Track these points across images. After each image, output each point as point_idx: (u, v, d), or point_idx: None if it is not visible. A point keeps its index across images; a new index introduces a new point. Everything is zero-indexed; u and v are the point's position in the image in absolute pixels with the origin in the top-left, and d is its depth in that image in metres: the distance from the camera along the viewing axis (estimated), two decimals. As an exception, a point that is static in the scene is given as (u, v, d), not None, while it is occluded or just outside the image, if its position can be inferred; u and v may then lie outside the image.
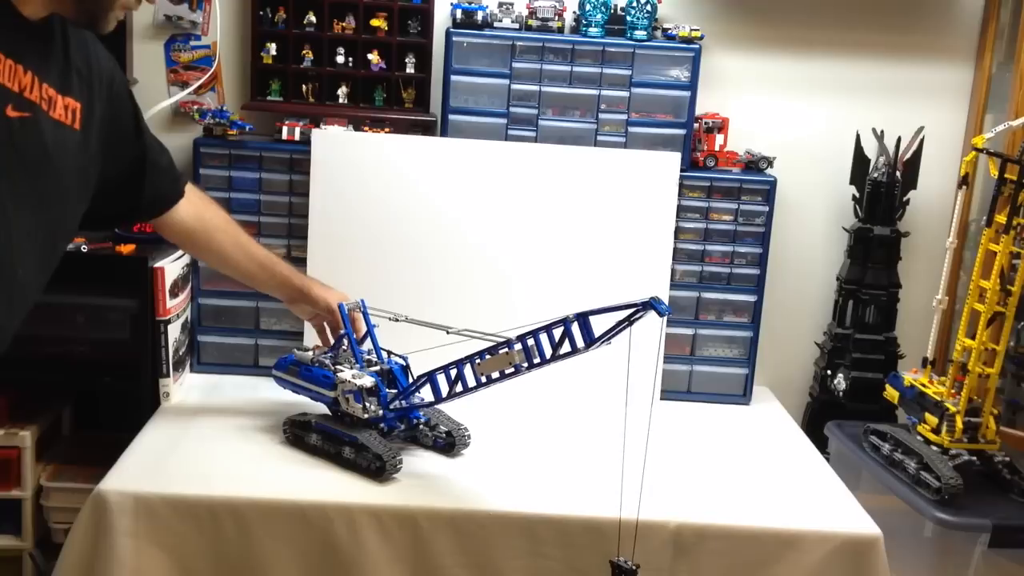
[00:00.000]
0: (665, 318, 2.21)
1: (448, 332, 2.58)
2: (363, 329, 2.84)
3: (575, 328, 2.29)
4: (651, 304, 2.20)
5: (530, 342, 2.35)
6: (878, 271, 3.41)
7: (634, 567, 2.16)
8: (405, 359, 2.78)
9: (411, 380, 2.72)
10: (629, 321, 2.24)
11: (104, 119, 2.14)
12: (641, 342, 2.23)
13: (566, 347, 2.31)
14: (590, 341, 2.28)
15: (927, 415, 2.91)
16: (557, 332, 2.31)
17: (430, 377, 2.58)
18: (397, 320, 2.78)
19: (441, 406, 2.78)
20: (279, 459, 2.71)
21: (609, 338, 2.27)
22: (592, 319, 2.28)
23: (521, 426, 3.04)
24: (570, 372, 3.14)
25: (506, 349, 2.39)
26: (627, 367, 2.19)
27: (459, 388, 2.51)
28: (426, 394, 2.62)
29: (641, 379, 2.88)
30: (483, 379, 2.46)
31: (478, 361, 2.45)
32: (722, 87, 3.43)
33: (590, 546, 2.45)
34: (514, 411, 3.12)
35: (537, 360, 2.35)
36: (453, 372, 2.51)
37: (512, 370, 2.39)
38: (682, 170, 3.28)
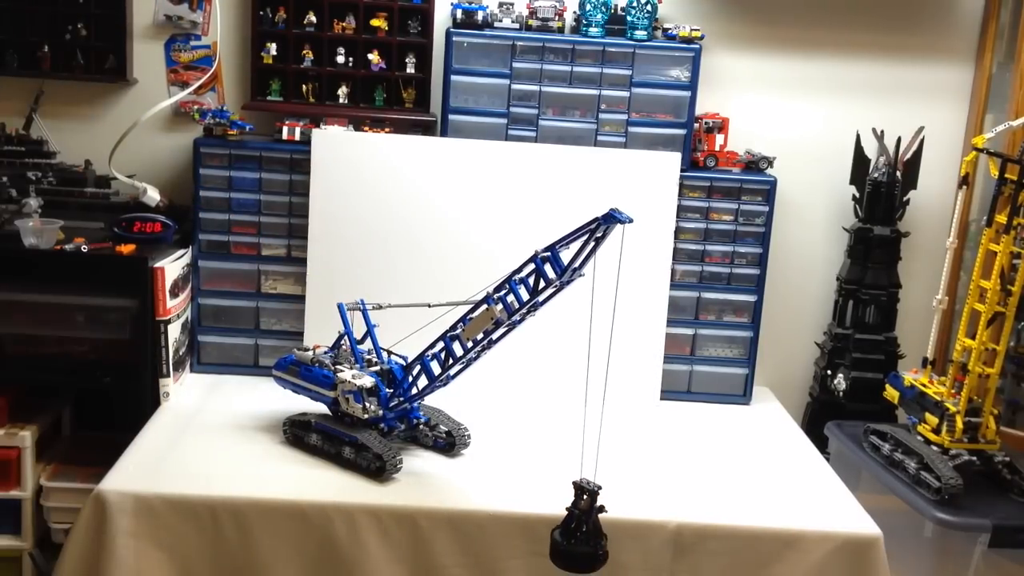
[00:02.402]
0: (626, 226, 2.21)
1: (430, 306, 2.63)
2: None
3: (546, 265, 2.30)
4: (611, 215, 2.21)
5: (509, 298, 2.37)
6: (878, 271, 3.41)
7: (596, 488, 2.17)
8: (405, 359, 2.78)
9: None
10: (595, 240, 2.25)
11: None
12: (640, 343, 2.23)
13: (540, 284, 2.31)
14: (561, 271, 2.29)
15: (927, 415, 2.91)
16: (530, 277, 2.34)
17: (422, 363, 2.59)
18: (381, 308, 2.82)
19: (440, 406, 2.78)
20: (279, 459, 2.71)
21: (581, 265, 2.28)
22: (561, 253, 2.29)
23: (521, 427, 3.04)
24: (570, 372, 3.16)
25: (485, 306, 2.40)
26: (591, 288, 2.21)
27: (451, 363, 2.52)
28: (423, 382, 2.62)
29: (640, 381, 2.86)
30: (470, 344, 2.47)
31: (461, 327, 2.47)
32: (722, 87, 3.43)
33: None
34: (513, 412, 3.12)
35: (516, 306, 2.37)
36: (443, 352, 2.52)
37: (494, 326, 2.40)
38: (682, 170, 3.28)
